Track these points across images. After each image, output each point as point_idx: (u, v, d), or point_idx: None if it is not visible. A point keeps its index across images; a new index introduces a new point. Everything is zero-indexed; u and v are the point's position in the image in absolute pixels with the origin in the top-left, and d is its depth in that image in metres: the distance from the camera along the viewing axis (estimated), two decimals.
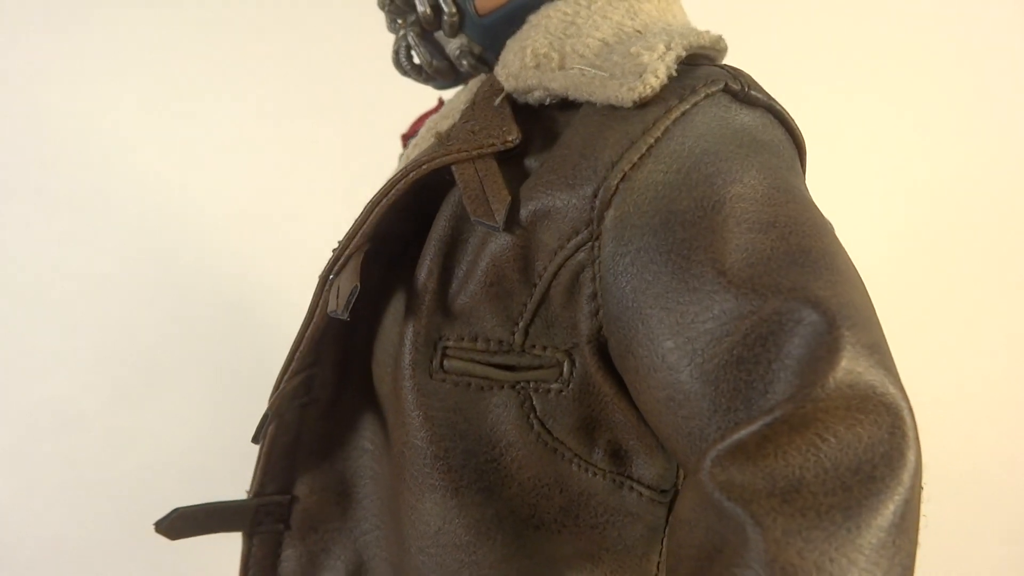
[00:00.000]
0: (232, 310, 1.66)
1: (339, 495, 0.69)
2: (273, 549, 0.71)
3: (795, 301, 0.46)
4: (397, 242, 0.66)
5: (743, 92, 0.57)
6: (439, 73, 0.71)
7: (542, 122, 0.61)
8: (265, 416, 0.66)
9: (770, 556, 0.39)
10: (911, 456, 0.42)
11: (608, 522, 0.61)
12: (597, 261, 0.54)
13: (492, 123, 0.59)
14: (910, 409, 0.45)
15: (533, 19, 0.64)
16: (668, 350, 0.50)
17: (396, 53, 0.72)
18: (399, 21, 0.71)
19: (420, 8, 0.67)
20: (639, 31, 0.60)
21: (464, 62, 0.69)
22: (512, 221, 0.56)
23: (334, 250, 0.63)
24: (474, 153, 0.57)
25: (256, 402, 1.65)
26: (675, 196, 0.52)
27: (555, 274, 0.56)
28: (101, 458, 1.60)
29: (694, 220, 0.51)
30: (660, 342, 0.50)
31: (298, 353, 0.64)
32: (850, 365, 0.44)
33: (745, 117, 0.57)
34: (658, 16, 0.63)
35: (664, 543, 0.63)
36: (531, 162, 0.60)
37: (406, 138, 0.84)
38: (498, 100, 0.61)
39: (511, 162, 0.59)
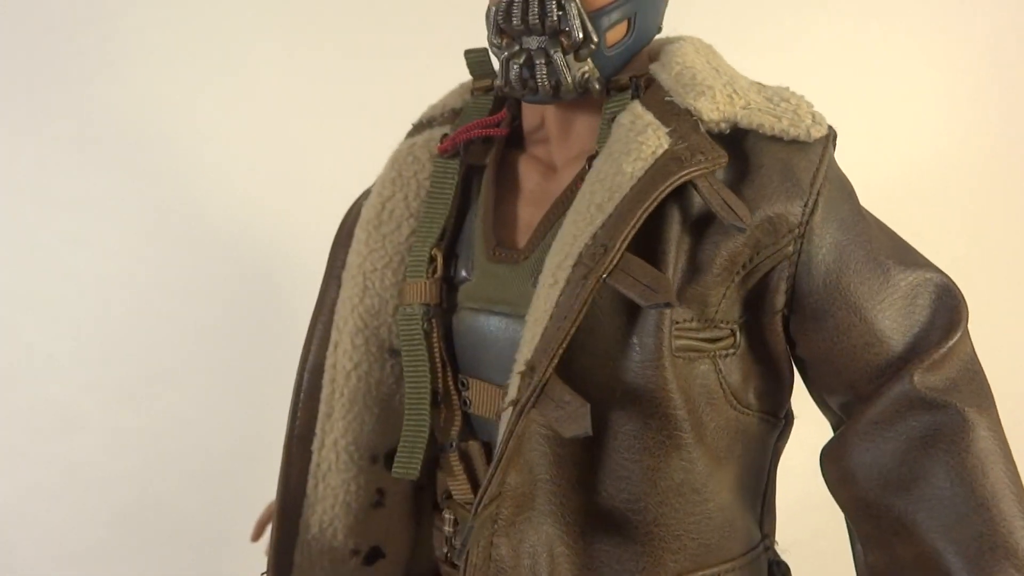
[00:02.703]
0: (233, 311, 1.66)
1: (531, 482, 0.79)
2: (489, 538, 0.80)
3: (928, 272, 0.79)
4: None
5: (834, 134, 0.83)
6: (567, 91, 0.81)
7: (723, 145, 0.80)
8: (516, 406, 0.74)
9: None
10: (974, 352, 0.79)
11: (750, 447, 0.84)
12: (799, 252, 0.78)
13: (707, 147, 0.76)
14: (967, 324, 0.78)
15: (678, 60, 0.82)
16: (862, 310, 0.77)
17: (521, 68, 0.81)
18: (525, 40, 0.80)
19: (575, 34, 0.79)
20: (757, 82, 0.83)
21: (592, 84, 0.81)
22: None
23: (602, 252, 0.73)
24: (708, 169, 0.75)
25: (255, 402, 1.65)
26: (840, 206, 0.79)
27: (757, 264, 0.78)
28: (102, 458, 1.60)
29: (854, 223, 0.80)
30: (856, 306, 0.77)
31: (560, 349, 0.72)
32: (966, 314, 0.78)
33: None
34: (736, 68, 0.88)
35: (772, 454, 0.88)
36: (724, 177, 0.78)
37: (445, 148, 0.89)
38: (703, 128, 0.79)
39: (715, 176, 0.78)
